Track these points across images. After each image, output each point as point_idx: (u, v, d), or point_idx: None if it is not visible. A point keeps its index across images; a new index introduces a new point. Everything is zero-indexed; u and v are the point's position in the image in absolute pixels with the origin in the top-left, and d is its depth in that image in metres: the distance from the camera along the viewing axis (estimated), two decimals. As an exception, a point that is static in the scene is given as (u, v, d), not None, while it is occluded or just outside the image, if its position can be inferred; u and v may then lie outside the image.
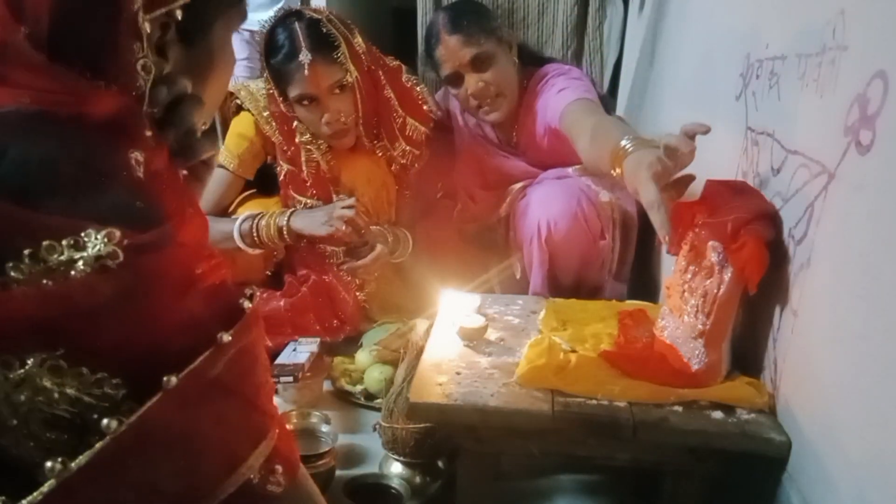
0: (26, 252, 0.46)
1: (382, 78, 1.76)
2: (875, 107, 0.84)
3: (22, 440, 0.47)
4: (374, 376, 1.61)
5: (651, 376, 1.11)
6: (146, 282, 0.50)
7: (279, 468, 0.54)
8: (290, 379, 1.51)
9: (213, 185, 1.81)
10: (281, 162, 1.81)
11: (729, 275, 1.07)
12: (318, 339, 1.73)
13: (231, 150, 1.80)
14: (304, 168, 1.77)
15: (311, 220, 1.72)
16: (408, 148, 1.82)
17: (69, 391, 0.46)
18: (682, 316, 1.17)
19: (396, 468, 1.34)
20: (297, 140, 1.76)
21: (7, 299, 0.46)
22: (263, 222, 1.71)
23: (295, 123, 1.75)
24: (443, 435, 1.28)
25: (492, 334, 1.32)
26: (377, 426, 1.36)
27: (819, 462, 0.92)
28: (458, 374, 1.16)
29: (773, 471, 1.01)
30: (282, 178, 1.81)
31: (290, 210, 1.75)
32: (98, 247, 0.48)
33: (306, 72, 1.64)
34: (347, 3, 3.20)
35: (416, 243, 1.89)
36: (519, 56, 1.91)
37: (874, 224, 0.83)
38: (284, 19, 1.68)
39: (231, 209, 1.88)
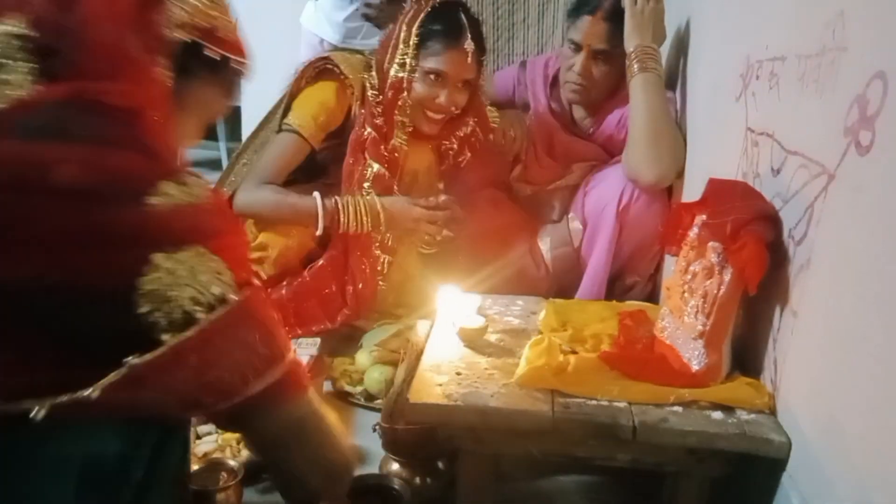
0: (150, 196, 0.70)
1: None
2: (875, 107, 0.84)
3: (164, 311, 0.67)
4: (374, 377, 1.61)
5: (651, 377, 1.11)
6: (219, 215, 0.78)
7: (292, 379, 0.78)
8: None
9: (282, 149, 1.80)
10: (366, 125, 1.81)
11: (729, 275, 1.07)
12: (319, 341, 1.73)
13: (311, 116, 1.79)
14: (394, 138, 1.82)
15: (401, 209, 1.79)
16: (468, 155, 1.92)
17: (203, 277, 0.69)
18: (682, 317, 1.17)
19: (396, 468, 1.34)
20: (395, 115, 1.79)
21: (161, 213, 0.69)
22: (352, 205, 1.77)
23: (402, 97, 1.77)
24: (443, 436, 1.28)
25: (492, 335, 1.32)
26: (377, 427, 1.36)
27: (819, 462, 0.92)
28: (458, 374, 1.16)
29: (773, 471, 1.01)
30: (362, 139, 1.81)
31: (376, 197, 1.79)
32: (191, 186, 0.72)
33: (461, 56, 1.74)
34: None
35: (457, 241, 1.95)
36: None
37: (874, 224, 0.83)
38: (453, 3, 1.78)
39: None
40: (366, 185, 1.80)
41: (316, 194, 1.76)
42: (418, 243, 1.87)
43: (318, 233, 1.76)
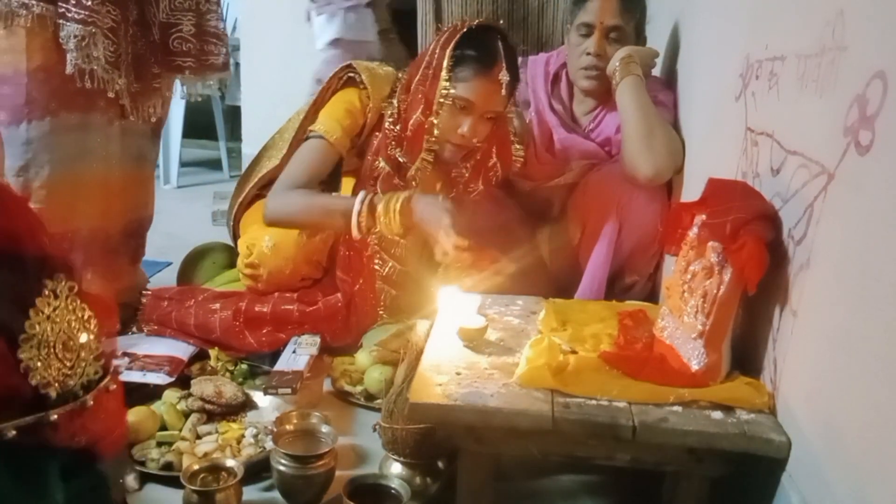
0: None
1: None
2: (874, 107, 0.84)
3: None
4: (374, 377, 1.61)
5: (651, 377, 1.11)
6: None
7: None
8: (289, 391, 1.52)
9: (311, 156, 1.75)
10: (379, 156, 1.79)
11: (728, 275, 1.07)
12: (319, 340, 1.73)
13: (337, 121, 1.75)
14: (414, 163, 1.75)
15: (434, 213, 1.62)
16: (481, 187, 1.87)
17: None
18: (681, 316, 1.17)
19: (396, 468, 1.34)
20: (423, 138, 1.70)
21: None
22: (382, 203, 1.64)
23: (430, 121, 1.69)
24: (443, 435, 1.28)
25: (492, 335, 1.32)
26: (377, 427, 1.36)
27: (819, 462, 0.92)
28: (458, 374, 1.16)
29: (773, 471, 1.01)
30: (375, 171, 1.79)
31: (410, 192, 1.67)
32: None
33: (493, 87, 1.65)
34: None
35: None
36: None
37: (874, 224, 0.83)
38: (491, 29, 1.69)
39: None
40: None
41: (361, 193, 1.67)
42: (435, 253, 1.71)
43: (354, 234, 1.67)
